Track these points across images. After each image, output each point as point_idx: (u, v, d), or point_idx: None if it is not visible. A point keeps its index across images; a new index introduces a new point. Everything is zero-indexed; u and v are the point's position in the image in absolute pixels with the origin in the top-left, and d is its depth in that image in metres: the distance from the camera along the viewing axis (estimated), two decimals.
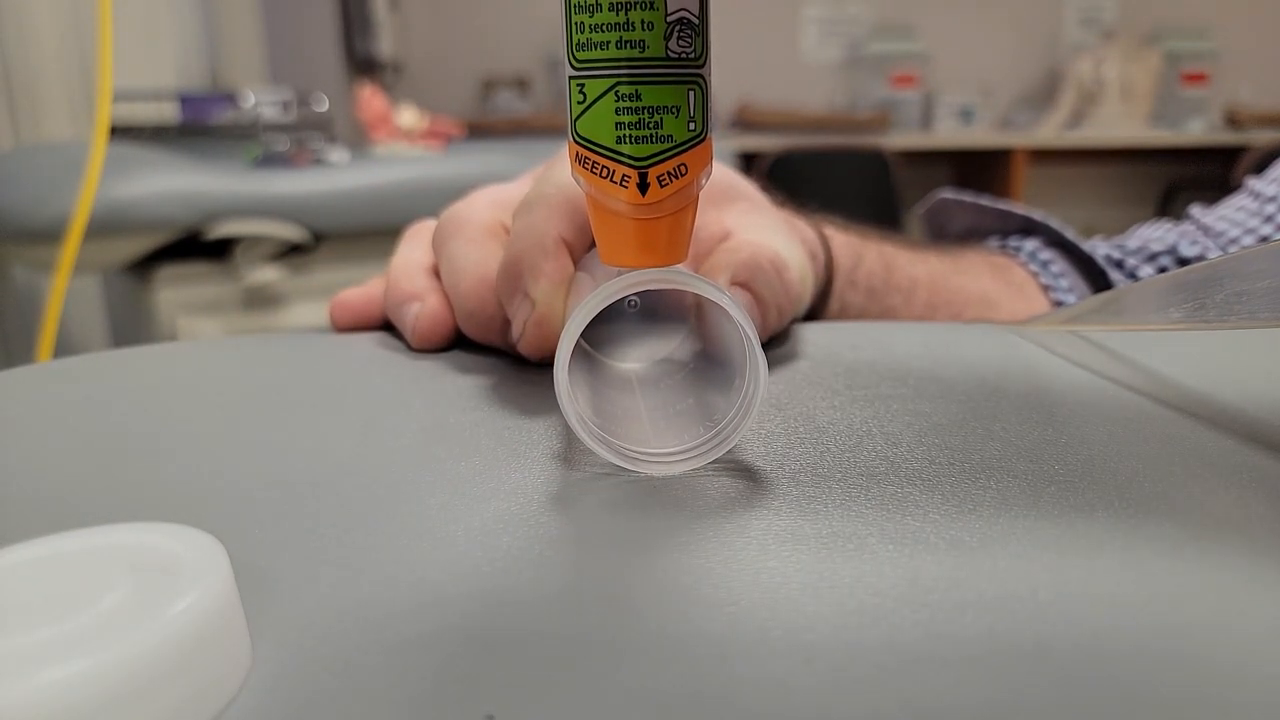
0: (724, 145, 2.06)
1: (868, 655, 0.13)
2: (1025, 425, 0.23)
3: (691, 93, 0.19)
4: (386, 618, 0.15)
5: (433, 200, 0.34)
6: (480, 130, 2.47)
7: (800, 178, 2.70)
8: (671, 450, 0.20)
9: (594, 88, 0.19)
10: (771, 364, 0.28)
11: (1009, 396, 0.25)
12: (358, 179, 1.26)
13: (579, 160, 0.19)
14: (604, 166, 0.19)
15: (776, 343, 0.31)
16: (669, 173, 0.19)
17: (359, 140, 1.62)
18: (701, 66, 0.19)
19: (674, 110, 0.19)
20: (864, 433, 0.22)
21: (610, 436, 0.20)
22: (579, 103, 0.19)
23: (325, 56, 2.49)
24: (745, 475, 0.20)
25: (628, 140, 0.19)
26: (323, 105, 1.53)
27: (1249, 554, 0.17)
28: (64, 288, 0.73)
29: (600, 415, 0.21)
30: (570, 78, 0.19)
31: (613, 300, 0.19)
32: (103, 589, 0.12)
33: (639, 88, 0.18)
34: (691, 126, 0.19)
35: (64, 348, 1.14)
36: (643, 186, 0.19)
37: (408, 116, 1.57)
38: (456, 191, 0.33)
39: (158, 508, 0.19)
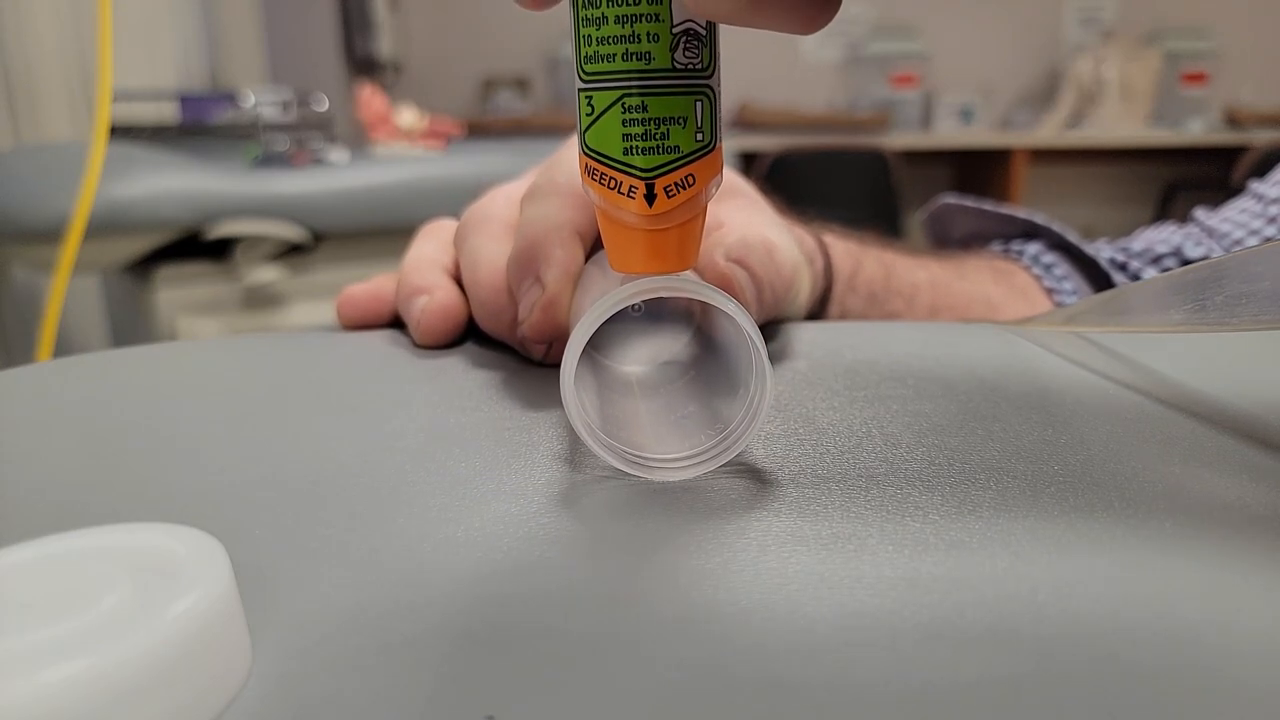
0: (724, 145, 2.06)
1: (868, 655, 0.13)
2: (1025, 425, 0.23)
3: (699, 103, 0.19)
4: (386, 618, 0.15)
5: (433, 200, 0.34)
6: (480, 130, 2.47)
7: (800, 178, 2.70)
8: (677, 456, 0.20)
9: (601, 99, 0.19)
10: (771, 363, 0.28)
11: (1009, 396, 0.25)
12: (357, 179, 1.26)
13: (588, 172, 0.19)
14: (612, 178, 0.19)
15: (775, 341, 0.31)
16: (676, 183, 0.19)
17: (359, 140, 1.62)
18: (709, 77, 0.19)
19: (681, 121, 0.19)
20: (864, 433, 0.22)
21: (615, 442, 0.20)
22: (587, 114, 0.19)
23: (325, 56, 2.49)
24: (745, 476, 0.20)
25: (635, 151, 0.19)
26: (323, 105, 1.53)
27: (1249, 553, 0.17)
28: (64, 288, 0.73)
29: (602, 419, 0.21)
30: (579, 90, 0.19)
31: (621, 307, 0.19)
32: (103, 589, 0.13)
33: (645, 99, 0.18)
34: (699, 137, 0.19)
35: (64, 348, 1.14)
36: (650, 197, 0.19)
37: (407, 116, 1.57)
38: (456, 191, 0.33)
39: (158, 508, 0.19)
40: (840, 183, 2.75)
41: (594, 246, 0.28)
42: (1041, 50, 3.23)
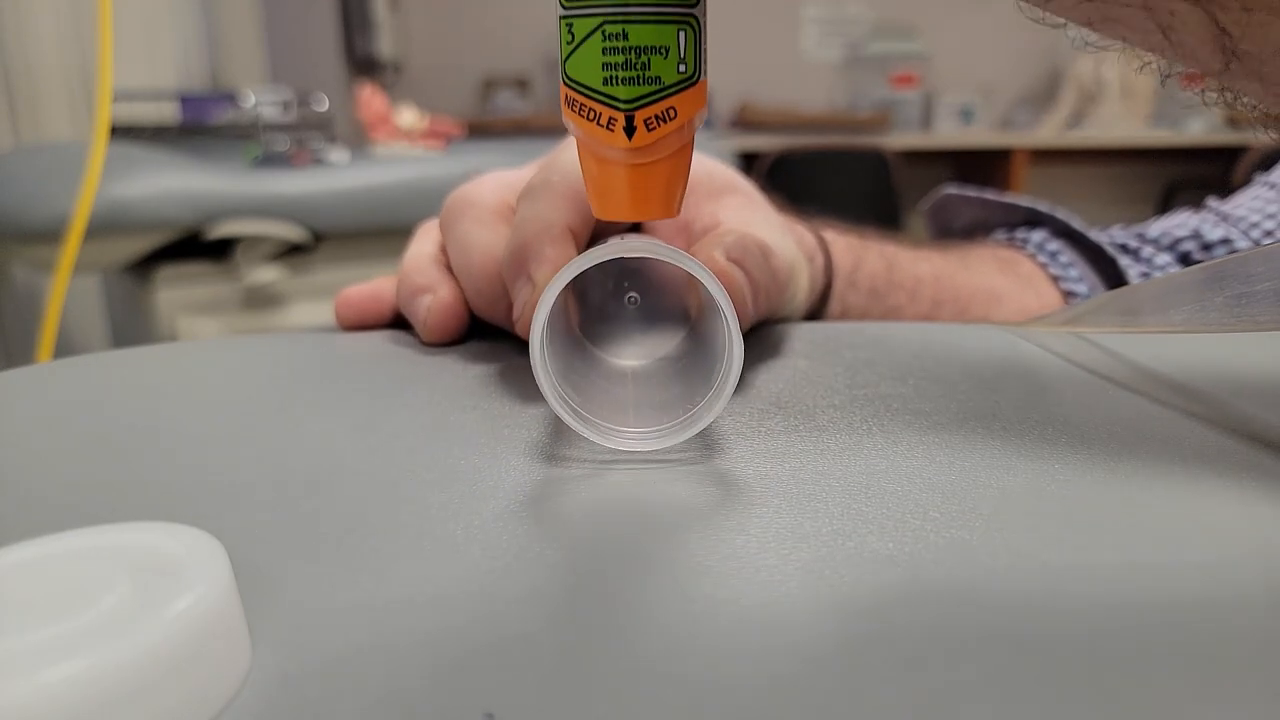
0: (724, 145, 2.06)
1: (868, 655, 0.13)
2: (1025, 424, 0.23)
3: (682, 33, 0.18)
4: (386, 617, 0.15)
5: (433, 200, 0.34)
6: (480, 130, 2.47)
7: (800, 178, 2.70)
8: (648, 429, 0.20)
9: (581, 26, 0.18)
10: (772, 362, 0.28)
11: (1009, 396, 0.25)
12: (357, 179, 1.26)
13: (568, 103, 0.19)
14: (591, 109, 0.18)
15: (777, 340, 0.31)
16: (657, 116, 0.18)
17: (359, 140, 1.62)
18: (694, 6, 0.18)
19: (663, 51, 0.18)
20: (864, 431, 0.22)
21: (587, 414, 0.19)
22: (568, 42, 0.18)
23: (325, 56, 2.49)
24: (746, 474, 0.20)
25: (615, 81, 0.18)
26: (323, 105, 1.53)
27: (1250, 554, 0.17)
28: (64, 288, 0.73)
29: (589, 400, 0.21)
30: (560, 16, 0.18)
31: (596, 263, 0.18)
32: (103, 589, 0.13)
33: (626, 27, 0.18)
34: (682, 68, 0.18)
35: (64, 348, 1.14)
36: (629, 129, 0.18)
37: (407, 116, 1.57)
38: None
39: (158, 508, 0.19)
40: (840, 183, 2.75)
41: (587, 245, 0.28)
42: (1041, 50, 3.23)
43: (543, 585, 0.16)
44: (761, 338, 0.31)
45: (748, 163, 2.75)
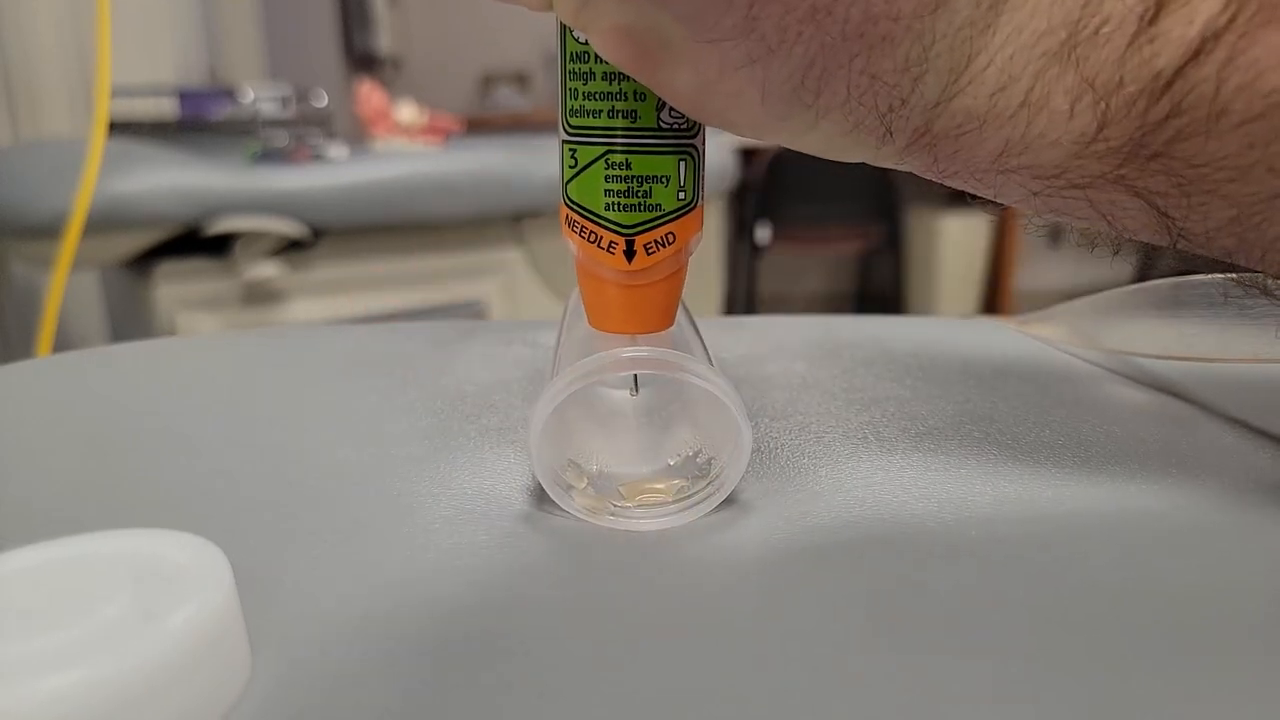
0: (724, 140, 2.05)
1: (869, 664, 0.14)
2: (1022, 427, 0.23)
3: (683, 163, 0.19)
4: (388, 628, 0.15)
5: (432, 196, 0.34)
6: (479, 126, 2.46)
7: (799, 174, 2.70)
8: (651, 507, 0.19)
9: (585, 154, 0.19)
10: (768, 368, 0.29)
11: (1006, 396, 0.25)
12: (357, 175, 1.25)
13: (568, 223, 0.19)
14: (592, 231, 0.19)
15: (773, 343, 0.31)
16: (656, 241, 0.19)
17: (358, 136, 1.61)
18: (694, 136, 0.19)
19: (664, 180, 0.19)
20: (859, 439, 0.22)
21: (595, 488, 0.19)
22: (570, 167, 0.19)
23: (324, 52, 2.49)
24: (742, 486, 0.20)
25: (616, 208, 0.19)
26: (322, 101, 1.53)
27: (1250, 554, 0.17)
28: (63, 283, 0.73)
29: (588, 451, 0.20)
30: (563, 141, 0.19)
31: (591, 381, 0.18)
32: (105, 596, 0.13)
33: (629, 157, 0.18)
34: (681, 196, 0.19)
35: (63, 344, 1.14)
36: (629, 254, 0.19)
37: (407, 112, 1.57)
38: (456, 188, 0.33)
39: (158, 510, 0.19)
40: (839, 179, 2.75)
41: None
42: None
43: (542, 596, 0.16)
44: (760, 340, 0.31)
45: (747, 159, 2.74)
